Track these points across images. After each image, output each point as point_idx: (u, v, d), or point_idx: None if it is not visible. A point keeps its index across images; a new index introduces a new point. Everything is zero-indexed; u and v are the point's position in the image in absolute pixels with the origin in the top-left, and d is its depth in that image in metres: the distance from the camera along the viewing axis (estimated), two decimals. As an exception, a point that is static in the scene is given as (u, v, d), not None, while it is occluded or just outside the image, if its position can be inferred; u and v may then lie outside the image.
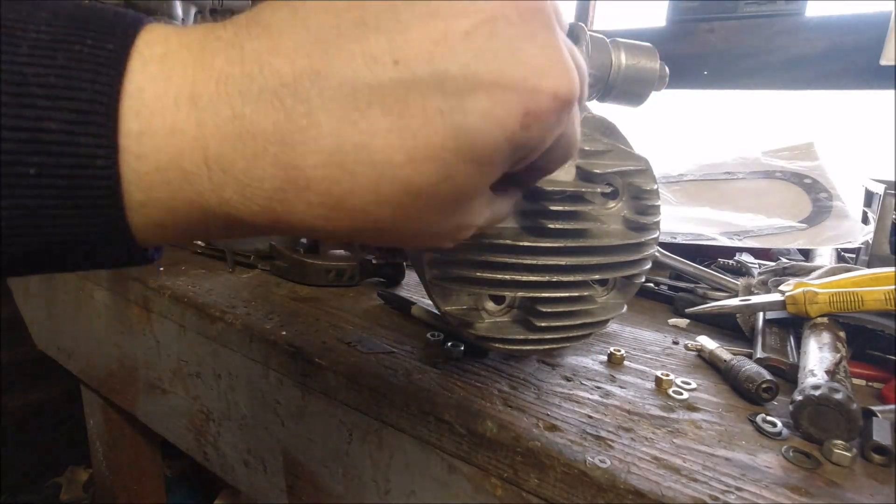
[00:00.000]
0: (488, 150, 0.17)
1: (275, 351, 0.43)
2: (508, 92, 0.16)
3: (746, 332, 0.49)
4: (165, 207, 0.17)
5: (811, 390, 0.33)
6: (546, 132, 0.18)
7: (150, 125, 0.15)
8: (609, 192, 0.35)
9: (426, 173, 0.17)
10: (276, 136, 0.15)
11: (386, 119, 0.16)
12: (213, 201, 0.17)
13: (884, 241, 0.61)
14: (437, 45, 0.16)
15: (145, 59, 0.16)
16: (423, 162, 0.16)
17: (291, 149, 0.16)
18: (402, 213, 0.18)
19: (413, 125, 0.16)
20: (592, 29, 0.67)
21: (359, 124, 0.16)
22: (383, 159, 0.16)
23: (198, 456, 0.57)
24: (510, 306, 0.36)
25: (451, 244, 0.22)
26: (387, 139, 0.16)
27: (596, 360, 0.43)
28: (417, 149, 0.16)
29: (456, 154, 0.16)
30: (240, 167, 0.16)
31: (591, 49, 0.35)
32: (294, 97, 0.15)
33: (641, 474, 0.29)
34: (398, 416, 0.36)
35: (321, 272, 0.56)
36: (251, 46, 0.16)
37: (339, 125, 0.16)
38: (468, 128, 0.16)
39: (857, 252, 0.66)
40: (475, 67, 0.16)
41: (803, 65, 0.89)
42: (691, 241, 0.66)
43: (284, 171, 0.16)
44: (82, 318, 0.67)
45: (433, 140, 0.16)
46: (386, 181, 0.16)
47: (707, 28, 0.97)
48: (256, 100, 0.15)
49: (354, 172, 0.16)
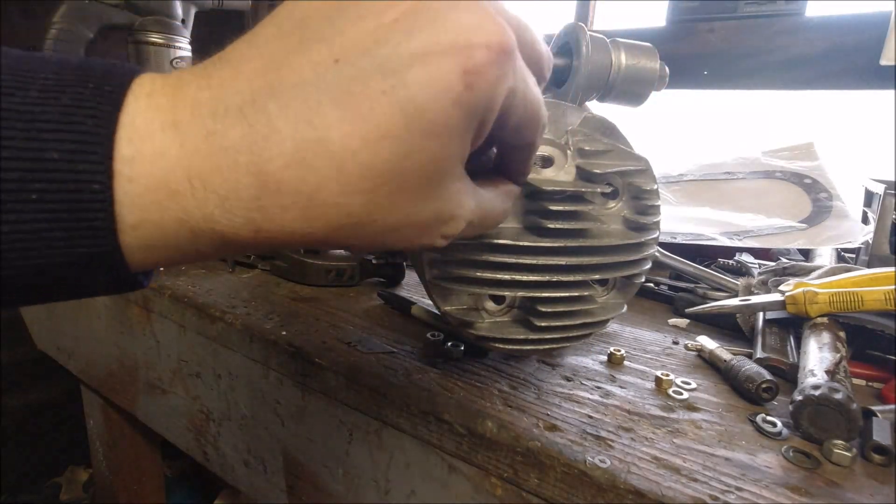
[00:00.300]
0: (439, 118, 0.17)
1: (275, 351, 0.43)
2: (442, 56, 0.17)
3: (746, 332, 0.49)
4: (156, 228, 0.18)
5: (811, 390, 0.33)
6: (491, 88, 0.18)
7: (141, 150, 0.17)
8: (609, 192, 0.35)
9: (384, 153, 0.17)
10: (244, 146, 0.17)
11: (336, 111, 0.17)
12: (199, 217, 0.18)
13: (884, 241, 0.61)
14: (370, 36, 0.17)
15: (136, 96, 0.17)
16: (378, 142, 0.17)
17: (258, 155, 0.17)
18: (372, 200, 0.18)
19: (361, 110, 0.17)
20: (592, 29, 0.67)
21: (313, 122, 0.17)
22: (340, 148, 0.17)
23: (198, 456, 0.57)
24: (510, 306, 0.36)
25: (442, 241, 0.22)
26: (340, 129, 0.17)
27: (596, 360, 0.43)
28: (370, 130, 0.17)
29: (408, 129, 0.17)
30: (217, 181, 0.17)
31: (591, 49, 0.35)
32: (254, 111, 0.17)
33: (641, 474, 0.29)
34: (398, 416, 0.36)
35: (321, 272, 0.56)
36: (217, 75, 0.18)
37: (296, 127, 0.17)
38: (413, 100, 0.17)
39: (857, 252, 0.66)
40: (407, 44, 0.17)
41: (803, 65, 0.89)
42: (691, 241, 0.66)
43: (256, 178, 0.17)
44: (82, 318, 0.67)
45: (382, 119, 0.17)
46: (347, 168, 0.17)
47: (707, 28, 0.97)
48: (224, 118, 0.17)
49: (317, 166, 0.17)
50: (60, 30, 0.64)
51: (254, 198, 0.17)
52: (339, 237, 0.19)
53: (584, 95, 0.36)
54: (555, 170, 0.34)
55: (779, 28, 0.90)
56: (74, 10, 0.65)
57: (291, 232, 0.18)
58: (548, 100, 0.34)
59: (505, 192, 0.26)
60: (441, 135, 0.18)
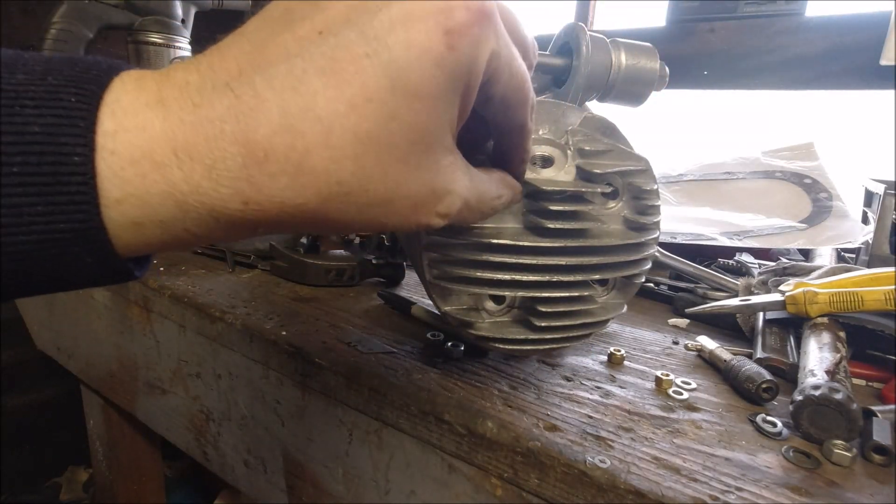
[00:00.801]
0: (423, 79, 0.18)
1: (275, 351, 0.43)
2: (423, 18, 0.17)
3: (746, 332, 0.49)
4: (141, 202, 0.17)
5: (811, 390, 0.33)
6: (473, 48, 0.18)
7: (123, 123, 0.17)
8: (609, 192, 0.35)
9: (370, 116, 0.18)
10: (230, 116, 0.17)
11: (321, 78, 0.17)
12: (185, 189, 0.17)
13: (884, 241, 0.61)
14: (353, 8, 0.18)
15: (124, 80, 0.18)
16: (364, 105, 0.17)
17: (245, 125, 0.17)
18: (361, 166, 0.18)
19: (346, 75, 0.17)
20: (592, 29, 0.67)
21: (299, 90, 0.17)
22: (327, 113, 0.17)
23: (198, 456, 0.57)
24: (510, 306, 0.36)
25: (438, 219, 0.22)
26: (326, 94, 0.17)
27: (596, 360, 0.43)
28: (355, 94, 0.17)
29: (392, 91, 0.17)
30: (203, 151, 0.17)
31: (591, 49, 0.35)
32: (240, 84, 0.17)
33: (641, 474, 0.29)
34: (398, 416, 0.36)
35: (321, 272, 0.56)
36: (205, 61, 0.18)
37: (282, 96, 0.17)
38: (396, 62, 0.17)
39: (857, 252, 0.66)
40: (388, 10, 0.18)
41: (803, 65, 0.89)
42: (691, 241, 0.66)
43: (243, 146, 0.17)
44: (82, 318, 0.67)
45: (367, 82, 0.17)
46: (335, 133, 0.17)
47: (707, 28, 0.97)
48: (211, 92, 0.17)
49: (304, 132, 0.17)
50: (60, 30, 0.64)
51: (241, 166, 0.17)
52: (331, 210, 0.19)
53: (584, 95, 0.36)
54: (555, 170, 0.34)
55: (779, 28, 0.90)
56: (74, 10, 0.65)
57: (281, 202, 0.18)
58: (548, 100, 0.34)
59: (500, 178, 0.26)
60: (426, 97, 0.18)
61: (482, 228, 0.33)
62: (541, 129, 0.34)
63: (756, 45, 0.93)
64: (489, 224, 0.33)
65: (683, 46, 0.99)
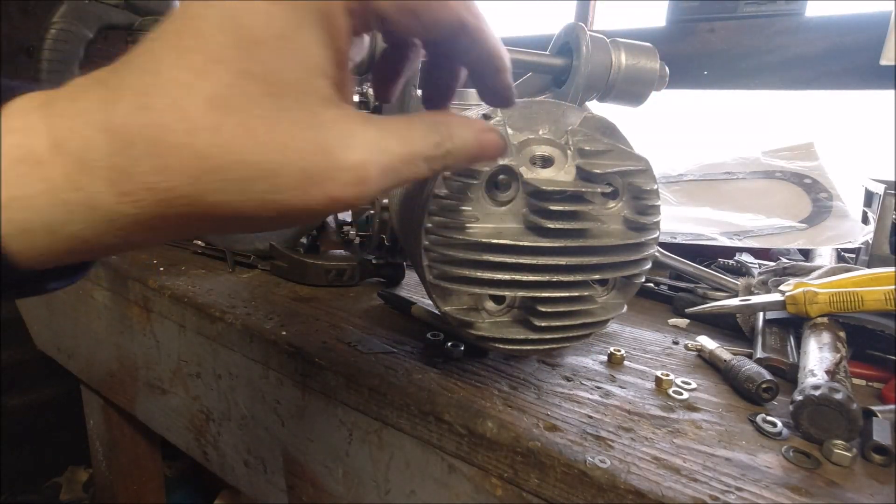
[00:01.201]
0: (261, 22, 0.17)
1: (275, 351, 0.43)
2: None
3: (746, 332, 0.49)
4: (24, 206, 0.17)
5: (811, 390, 0.33)
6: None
7: (10, 125, 0.17)
8: (609, 192, 0.35)
9: (220, 78, 0.17)
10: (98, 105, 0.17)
11: (172, 53, 0.17)
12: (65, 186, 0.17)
13: (884, 241, 0.61)
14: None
15: (30, 97, 0.18)
16: (211, 68, 0.17)
17: (109, 112, 0.17)
18: (221, 134, 0.17)
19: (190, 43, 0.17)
20: (592, 29, 0.67)
21: (153, 69, 0.17)
22: (175, 84, 0.17)
23: (198, 456, 0.57)
24: (510, 306, 0.36)
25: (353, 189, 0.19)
26: (174, 65, 0.17)
27: (596, 360, 0.43)
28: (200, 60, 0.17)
29: (237, 47, 0.17)
30: (75, 142, 0.17)
31: (591, 49, 0.35)
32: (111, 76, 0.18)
33: (641, 474, 0.29)
34: (398, 416, 0.36)
35: (321, 272, 0.56)
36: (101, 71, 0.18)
37: (141, 78, 0.17)
38: (234, 17, 0.17)
39: (857, 252, 0.66)
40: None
41: (803, 65, 0.89)
42: (691, 241, 0.66)
43: (107, 133, 0.17)
44: (82, 318, 0.67)
45: (210, 45, 0.17)
46: (185, 103, 0.17)
47: (707, 28, 0.97)
48: (88, 87, 0.18)
49: (158, 108, 0.17)
50: (60, 30, 0.64)
51: (107, 155, 0.17)
52: (209, 193, 0.17)
53: (584, 95, 0.36)
54: (555, 170, 0.34)
55: (779, 28, 0.90)
56: (74, 10, 0.65)
57: (153, 189, 0.17)
58: (548, 100, 0.34)
59: (432, 121, 0.22)
60: (269, 39, 0.17)
61: (482, 228, 0.33)
62: (541, 129, 0.34)
63: (756, 45, 0.92)
64: (489, 224, 0.33)
65: (683, 46, 0.99)
